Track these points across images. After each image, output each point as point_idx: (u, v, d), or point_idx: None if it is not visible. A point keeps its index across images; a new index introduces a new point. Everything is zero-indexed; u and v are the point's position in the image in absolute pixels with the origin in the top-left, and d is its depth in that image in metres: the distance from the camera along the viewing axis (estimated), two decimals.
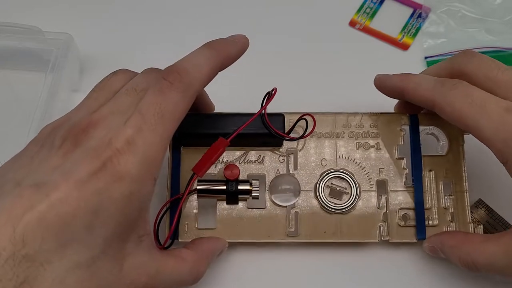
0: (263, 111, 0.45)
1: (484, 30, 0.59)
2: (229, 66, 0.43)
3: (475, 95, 0.40)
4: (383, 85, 0.47)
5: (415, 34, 0.59)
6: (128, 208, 0.36)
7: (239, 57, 0.44)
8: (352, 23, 0.59)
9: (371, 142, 0.49)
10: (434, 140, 0.49)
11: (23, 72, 0.57)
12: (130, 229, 0.37)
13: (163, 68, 0.40)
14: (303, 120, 0.46)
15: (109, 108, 0.38)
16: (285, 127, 0.47)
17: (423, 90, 0.43)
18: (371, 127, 0.49)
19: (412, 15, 0.60)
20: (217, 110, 0.49)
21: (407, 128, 0.48)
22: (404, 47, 0.59)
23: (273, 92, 0.44)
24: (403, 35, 0.59)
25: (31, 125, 0.50)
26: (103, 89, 0.41)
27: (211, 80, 0.41)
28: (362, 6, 0.60)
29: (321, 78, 0.56)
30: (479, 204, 0.50)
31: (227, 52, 0.43)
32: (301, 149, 0.48)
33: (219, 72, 0.42)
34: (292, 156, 0.48)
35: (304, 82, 0.56)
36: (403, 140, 0.48)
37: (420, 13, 0.60)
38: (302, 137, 0.47)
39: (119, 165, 0.35)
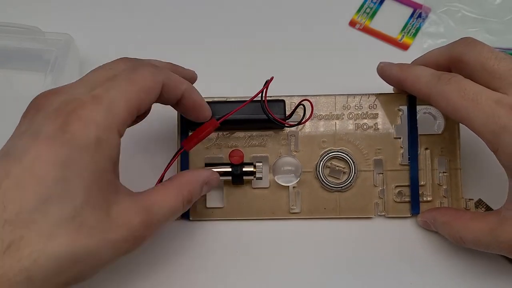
0: (263, 99, 0.49)
1: (484, 30, 0.62)
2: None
3: (467, 88, 0.43)
4: (385, 74, 0.52)
5: (415, 34, 0.61)
6: (97, 155, 0.38)
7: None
8: (352, 23, 0.62)
9: (370, 123, 0.53)
10: (431, 119, 0.53)
11: (23, 72, 0.59)
12: (106, 179, 0.39)
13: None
14: (304, 102, 0.50)
15: (78, 81, 0.42)
16: (286, 111, 0.52)
17: (420, 84, 0.47)
18: (369, 108, 0.53)
19: (412, 15, 0.62)
20: (223, 95, 0.53)
21: (405, 108, 0.53)
22: (404, 47, 0.61)
23: (269, 79, 0.49)
24: (403, 35, 0.61)
25: None
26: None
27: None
28: (362, 6, 0.62)
29: (321, 79, 0.57)
30: (479, 204, 0.53)
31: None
32: (301, 131, 0.53)
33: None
34: (293, 138, 0.53)
35: (303, 82, 0.59)
36: (401, 120, 0.53)
37: (420, 13, 0.62)
38: (299, 123, 0.51)
39: (83, 113, 0.38)
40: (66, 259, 0.35)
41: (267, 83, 0.49)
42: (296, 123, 0.50)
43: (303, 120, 0.50)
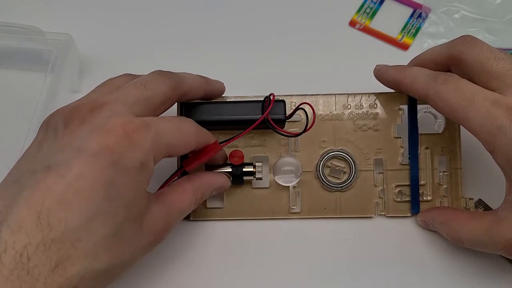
0: (271, 124, 0.50)
1: (484, 30, 0.62)
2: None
3: (464, 89, 0.44)
4: (382, 77, 0.52)
5: (415, 34, 0.62)
6: (138, 178, 0.39)
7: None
8: (352, 23, 0.63)
9: (370, 123, 0.54)
10: (431, 118, 0.54)
11: (23, 72, 0.60)
12: (142, 195, 0.40)
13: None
14: (305, 105, 0.51)
15: (115, 96, 0.43)
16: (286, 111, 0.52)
17: (417, 84, 0.48)
18: (370, 108, 0.54)
19: (412, 15, 0.63)
20: (230, 93, 0.53)
21: (405, 107, 0.53)
22: (404, 47, 0.62)
23: (271, 97, 0.50)
24: (403, 35, 0.61)
25: (30, 125, 0.53)
26: (106, 85, 0.46)
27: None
28: (362, 6, 0.63)
29: (321, 79, 0.57)
30: (479, 204, 0.54)
31: (212, 86, 0.51)
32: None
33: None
34: (293, 138, 0.54)
35: (303, 82, 0.59)
36: (401, 120, 0.53)
37: (420, 13, 0.63)
38: (304, 131, 0.50)
39: (134, 137, 0.38)
40: (106, 272, 0.38)
41: (270, 102, 0.49)
42: (300, 132, 0.50)
43: (307, 128, 0.50)
